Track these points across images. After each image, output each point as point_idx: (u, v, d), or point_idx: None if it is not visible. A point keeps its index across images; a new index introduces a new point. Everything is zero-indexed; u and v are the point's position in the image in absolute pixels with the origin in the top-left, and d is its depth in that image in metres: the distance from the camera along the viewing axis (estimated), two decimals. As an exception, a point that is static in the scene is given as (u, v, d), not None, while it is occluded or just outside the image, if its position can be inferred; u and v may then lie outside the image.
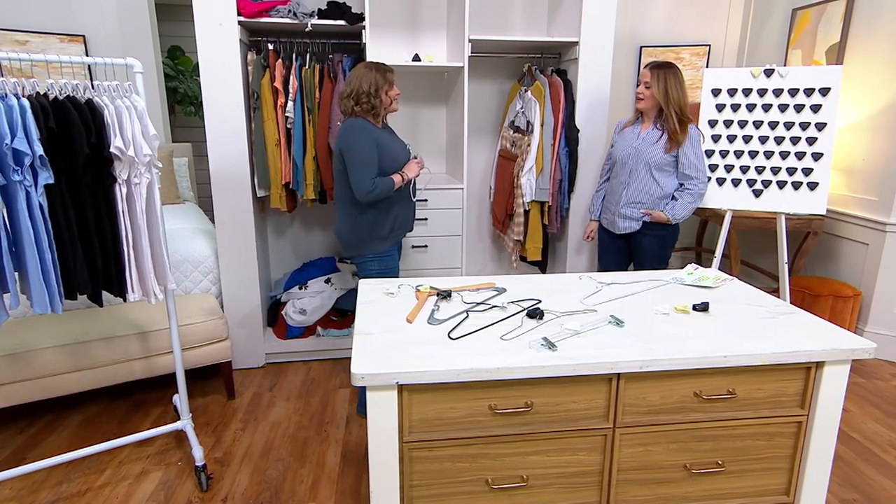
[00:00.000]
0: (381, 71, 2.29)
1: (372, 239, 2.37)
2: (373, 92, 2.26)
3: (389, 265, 2.44)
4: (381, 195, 2.26)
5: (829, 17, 3.44)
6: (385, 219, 2.36)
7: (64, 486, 2.09)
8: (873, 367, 3.13)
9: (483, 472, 1.45)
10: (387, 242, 2.39)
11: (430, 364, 1.34)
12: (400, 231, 2.45)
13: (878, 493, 2.11)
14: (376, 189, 2.23)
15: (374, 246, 2.38)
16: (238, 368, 3.02)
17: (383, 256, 2.41)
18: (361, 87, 2.26)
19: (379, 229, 2.36)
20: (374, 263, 2.41)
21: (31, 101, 1.60)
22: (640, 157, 2.57)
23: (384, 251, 2.40)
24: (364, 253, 2.40)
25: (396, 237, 2.44)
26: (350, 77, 2.31)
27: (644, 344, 1.46)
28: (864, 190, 3.26)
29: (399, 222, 2.42)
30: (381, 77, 2.28)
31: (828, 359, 1.46)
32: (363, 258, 2.41)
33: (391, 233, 2.40)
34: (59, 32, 3.90)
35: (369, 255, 2.39)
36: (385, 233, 2.38)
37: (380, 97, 2.28)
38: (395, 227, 2.40)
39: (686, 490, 1.55)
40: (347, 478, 2.17)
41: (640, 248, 2.67)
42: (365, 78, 2.27)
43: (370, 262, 2.41)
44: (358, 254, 2.41)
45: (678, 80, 2.49)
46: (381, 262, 2.42)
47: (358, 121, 2.27)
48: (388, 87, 2.31)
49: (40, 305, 1.68)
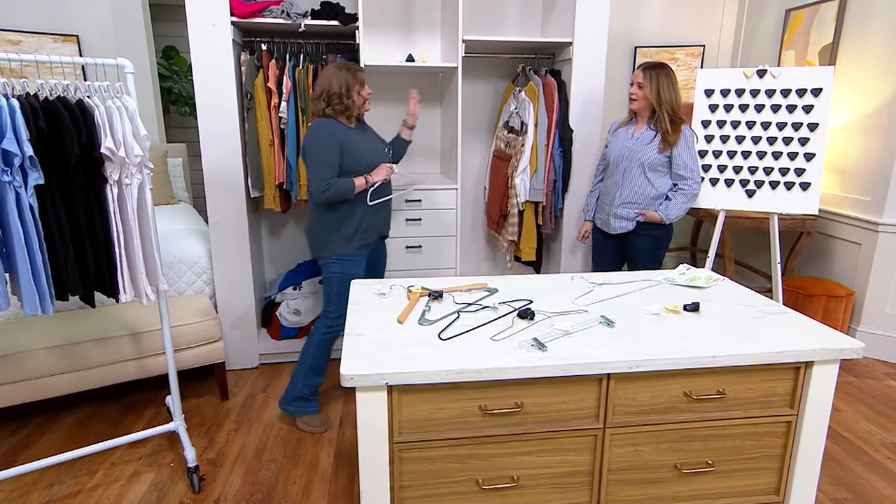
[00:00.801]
0: (352, 71, 2.27)
1: (335, 239, 2.33)
2: (344, 92, 2.25)
3: (351, 270, 2.38)
4: (338, 196, 2.23)
5: (822, 18, 3.45)
6: (349, 220, 2.32)
7: (55, 488, 2.08)
8: (865, 366, 3.14)
9: (474, 473, 1.45)
10: (351, 244, 2.35)
11: (420, 365, 1.34)
12: (367, 234, 2.39)
13: (869, 491, 2.12)
14: (330, 189, 2.20)
15: (336, 247, 2.33)
16: (232, 369, 3.02)
17: (346, 259, 2.35)
18: (332, 88, 2.24)
19: (342, 230, 2.32)
20: (336, 266, 2.36)
21: (21, 102, 1.60)
22: (633, 158, 2.58)
23: (347, 253, 2.35)
24: (327, 254, 2.35)
25: (363, 240, 2.38)
26: (320, 78, 2.29)
27: (634, 344, 1.46)
28: (856, 190, 3.28)
29: (365, 224, 2.37)
30: (351, 77, 2.26)
31: (817, 359, 1.47)
32: (325, 259, 2.37)
33: (355, 234, 2.35)
34: (52, 32, 3.89)
35: (332, 256, 2.35)
36: (349, 234, 2.33)
37: (352, 97, 2.27)
38: (359, 229, 2.35)
39: (676, 490, 1.56)
40: (340, 478, 2.17)
41: (634, 249, 2.68)
42: (336, 79, 2.25)
43: (332, 263, 2.36)
44: (321, 254, 2.38)
45: (671, 80, 2.49)
46: (343, 265, 2.36)
47: (325, 121, 2.26)
48: (360, 87, 2.29)
49: (31, 307, 1.67)
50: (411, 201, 3.06)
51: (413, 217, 3.07)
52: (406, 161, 3.60)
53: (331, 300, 2.42)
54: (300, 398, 2.47)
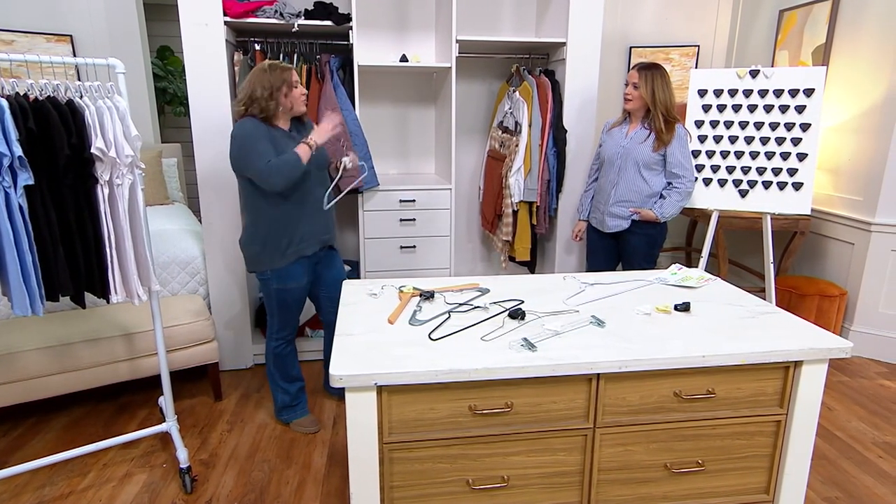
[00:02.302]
0: (278, 71, 2.07)
1: (269, 252, 2.16)
2: (266, 96, 2.05)
3: (290, 284, 2.20)
4: (285, 171, 1.99)
5: (816, 19, 3.46)
6: (283, 228, 2.13)
7: (46, 490, 2.08)
8: (858, 365, 3.15)
9: (464, 473, 1.45)
10: (287, 257, 2.17)
11: (410, 365, 1.34)
12: (304, 245, 2.20)
13: (860, 490, 2.12)
14: (273, 166, 1.97)
15: (271, 260, 2.17)
16: (225, 370, 3.01)
17: (282, 274, 2.19)
18: (255, 93, 2.05)
19: (276, 240, 2.14)
20: (273, 281, 2.19)
21: (10, 102, 1.59)
22: (628, 157, 2.59)
23: (283, 268, 2.18)
24: (262, 269, 2.20)
25: (300, 252, 2.20)
26: (245, 81, 2.11)
27: (624, 344, 1.46)
28: (849, 190, 3.29)
29: (300, 234, 2.17)
30: (277, 79, 2.06)
31: (805, 358, 1.47)
32: (262, 275, 2.21)
33: (290, 245, 2.16)
34: (45, 32, 3.88)
35: (266, 271, 2.19)
36: (283, 245, 2.15)
37: (276, 100, 2.06)
38: (295, 238, 2.16)
39: (666, 490, 1.56)
40: (333, 479, 2.17)
41: (629, 247, 2.69)
42: (259, 81, 2.06)
43: (268, 279, 2.19)
44: (256, 269, 2.22)
45: (665, 80, 2.51)
46: (280, 280, 2.19)
47: (250, 120, 2.08)
48: (288, 89, 2.09)
49: (20, 307, 1.67)
50: (405, 201, 3.06)
51: (407, 217, 3.08)
52: (402, 161, 3.61)
53: (272, 316, 2.31)
54: (285, 407, 2.48)
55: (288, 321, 2.35)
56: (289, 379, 2.44)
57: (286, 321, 2.34)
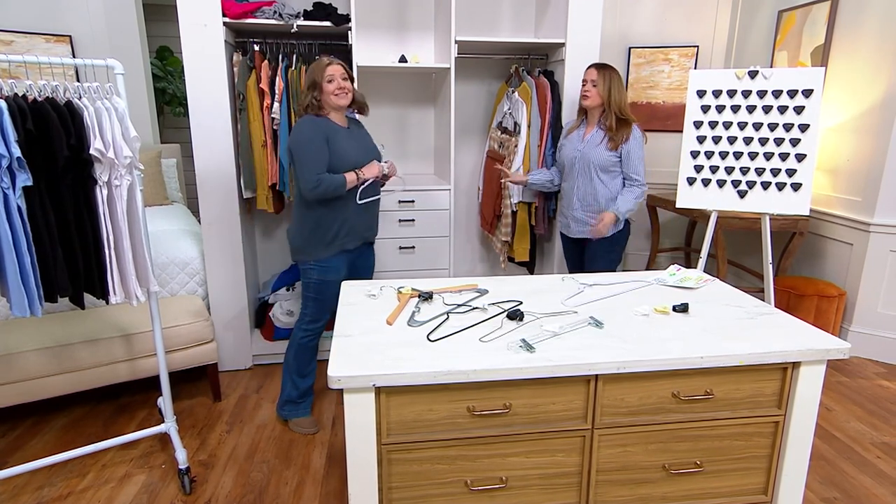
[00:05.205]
0: (314, 67, 2.24)
1: (314, 244, 2.26)
2: (310, 86, 2.22)
3: (330, 276, 2.30)
4: (329, 192, 2.16)
5: (814, 19, 3.46)
6: (330, 223, 2.25)
7: (45, 490, 2.08)
8: (857, 365, 3.15)
9: (462, 474, 1.45)
10: (330, 249, 2.28)
11: (408, 366, 1.34)
12: (348, 239, 2.31)
13: (858, 491, 2.12)
14: (321, 185, 2.13)
15: (315, 251, 2.27)
16: (225, 370, 3.01)
17: (324, 266, 2.29)
18: (307, 84, 2.24)
19: (322, 233, 2.25)
20: (314, 271, 2.29)
21: (9, 102, 1.59)
22: (586, 160, 2.63)
23: (325, 259, 2.28)
24: (305, 258, 2.29)
25: (343, 245, 2.30)
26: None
27: (623, 345, 1.47)
28: (848, 190, 3.29)
29: (346, 229, 2.29)
30: (318, 70, 2.21)
31: (803, 359, 1.47)
32: (304, 264, 2.31)
33: (336, 239, 2.27)
34: (45, 33, 3.88)
35: (310, 261, 2.29)
36: (329, 238, 2.26)
37: (315, 96, 2.22)
38: (340, 233, 2.27)
39: (665, 490, 1.56)
40: (332, 479, 2.17)
41: (590, 249, 2.73)
42: (307, 77, 2.25)
43: (311, 269, 2.29)
44: (299, 258, 2.32)
45: (620, 81, 2.61)
46: (322, 271, 2.29)
47: (310, 117, 2.23)
48: (323, 80, 2.22)
49: (19, 308, 1.66)
50: (405, 202, 3.06)
51: (406, 218, 3.08)
52: (401, 162, 3.61)
53: (307, 305, 2.38)
54: (290, 401, 2.48)
55: (321, 313, 2.40)
56: (303, 374, 2.46)
57: (319, 313, 2.39)
